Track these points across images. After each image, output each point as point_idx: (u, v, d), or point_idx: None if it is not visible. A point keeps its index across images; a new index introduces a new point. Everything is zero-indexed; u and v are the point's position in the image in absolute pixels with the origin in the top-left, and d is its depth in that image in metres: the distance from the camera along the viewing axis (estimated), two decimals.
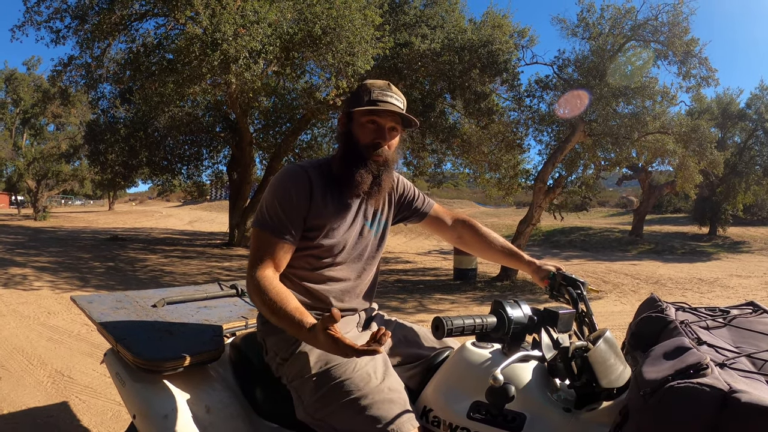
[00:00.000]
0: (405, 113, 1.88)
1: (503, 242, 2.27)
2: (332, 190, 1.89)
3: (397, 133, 1.94)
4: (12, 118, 36.99)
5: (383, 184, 1.91)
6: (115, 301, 2.55)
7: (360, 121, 1.88)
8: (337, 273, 1.92)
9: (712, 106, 24.21)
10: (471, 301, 9.76)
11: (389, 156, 1.90)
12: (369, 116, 1.87)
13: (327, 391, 1.66)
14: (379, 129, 1.87)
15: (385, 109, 1.84)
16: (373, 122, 1.87)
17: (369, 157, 1.86)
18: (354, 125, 1.90)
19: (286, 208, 1.80)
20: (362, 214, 1.98)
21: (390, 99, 1.86)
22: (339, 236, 1.89)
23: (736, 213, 25.75)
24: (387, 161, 1.90)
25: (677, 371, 1.14)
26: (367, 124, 1.88)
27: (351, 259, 1.96)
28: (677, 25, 11.36)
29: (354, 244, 1.96)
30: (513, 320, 1.51)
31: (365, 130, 1.88)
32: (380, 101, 1.85)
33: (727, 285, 12.15)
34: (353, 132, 1.89)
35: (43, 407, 3.96)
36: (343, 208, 1.90)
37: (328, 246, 1.87)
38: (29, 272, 10.87)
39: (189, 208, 55.71)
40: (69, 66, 12.55)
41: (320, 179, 1.88)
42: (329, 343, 1.44)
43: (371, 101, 1.85)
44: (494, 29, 12.31)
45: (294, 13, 9.95)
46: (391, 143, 1.91)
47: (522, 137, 14.21)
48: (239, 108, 15.16)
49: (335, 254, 1.90)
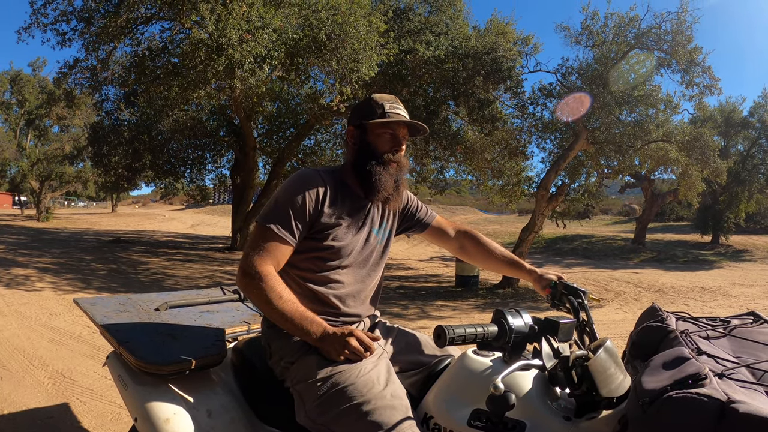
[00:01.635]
0: (420, 124, 2.03)
1: (504, 252, 2.31)
2: (344, 195, 1.98)
3: (405, 142, 2.07)
4: (17, 119, 37.02)
5: (401, 188, 2.04)
6: (118, 304, 2.56)
7: (376, 132, 2.02)
8: (342, 277, 1.96)
9: (715, 114, 24.17)
10: (473, 308, 9.75)
11: (404, 162, 2.05)
12: (385, 128, 2.01)
13: (330, 395, 1.68)
14: (395, 138, 2.02)
15: (400, 120, 1.99)
16: (390, 133, 2.01)
17: (388, 163, 1.99)
18: (370, 136, 2.02)
19: (296, 210, 1.86)
20: (370, 219, 2.06)
21: (400, 111, 2.01)
22: (348, 239, 1.95)
23: (739, 221, 25.66)
24: (402, 168, 2.03)
25: (676, 381, 1.15)
26: (383, 134, 2.01)
27: (357, 264, 2.00)
28: (681, 33, 11.36)
29: (361, 249, 2.01)
30: (514, 329, 1.52)
31: (382, 140, 2.01)
32: (393, 113, 1.99)
33: (729, 294, 12.11)
34: (370, 142, 2.01)
35: (43, 408, 3.97)
36: (353, 212, 1.99)
37: (336, 248, 1.92)
38: (32, 273, 10.89)
39: (192, 211, 55.78)
40: (74, 68, 12.58)
41: (333, 184, 1.97)
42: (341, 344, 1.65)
43: (385, 113, 1.99)
44: (498, 36, 12.32)
45: (299, 19, 9.97)
46: (404, 152, 2.07)
47: (525, 144, 14.21)
48: (243, 112, 15.19)
49: (342, 257, 1.95)
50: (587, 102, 11.54)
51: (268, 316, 1.83)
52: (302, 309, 1.77)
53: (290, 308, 1.75)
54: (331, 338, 1.73)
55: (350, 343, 1.71)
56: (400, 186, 2.03)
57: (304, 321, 1.75)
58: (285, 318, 1.75)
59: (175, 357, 1.97)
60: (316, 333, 1.75)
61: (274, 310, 1.76)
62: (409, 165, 2.11)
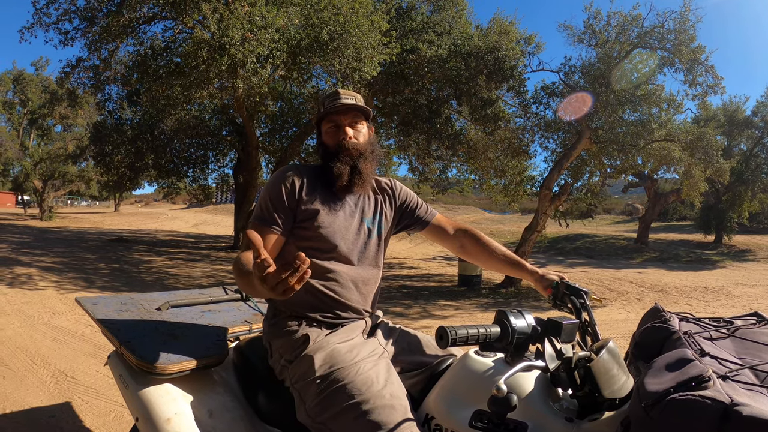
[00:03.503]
0: (356, 104, 2.06)
1: (505, 252, 2.28)
2: (323, 184, 2.05)
3: (360, 125, 2.11)
4: (19, 119, 37.15)
5: (363, 170, 2.03)
6: (119, 304, 2.57)
7: (324, 130, 2.11)
8: (336, 266, 1.97)
9: (718, 113, 24.17)
10: (475, 307, 9.74)
11: (360, 147, 2.05)
12: (329, 123, 2.08)
13: (329, 394, 1.67)
14: (338, 128, 2.06)
15: (337, 110, 2.04)
16: (333, 126, 2.07)
17: (340, 153, 2.01)
18: (322, 135, 2.12)
19: (275, 200, 1.95)
20: (359, 210, 2.09)
21: (340, 100, 2.05)
22: (335, 225, 1.98)
23: (742, 221, 25.61)
24: (360, 152, 2.04)
25: (679, 383, 1.14)
26: (329, 129, 2.08)
27: (351, 253, 2.01)
28: (684, 32, 11.34)
29: (354, 238, 2.04)
30: (516, 330, 1.52)
31: (329, 135, 2.08)
32: (330, 105, 2.05)
33: (732, 294, 12.09)
34: (323, 141, 2.11)
35: (45, 407, 3.98)
36: (333, 197, 2.04)
37: (324, 235, 1.95)
38: (34, 272, 10.91)
39: (194, 210, 55.81)
40: (77, 67, 12.63)
41: (311, 174, 2.06)
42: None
43: (325, 109, 2.06)
44: (501, 36, 12.31)
45: (301, 19, 9.97)
46: (356, 135, 2.07)
47: (528, 144, 14.21)
48: (246, 112, 15.19)
49: (333, 243, 1.97)
50: (590, 101, 11.54)
51: (241, 288, 1.72)
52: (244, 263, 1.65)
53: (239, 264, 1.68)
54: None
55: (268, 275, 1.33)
56: (362, 170, 2.02)
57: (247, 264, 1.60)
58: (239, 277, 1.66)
59: (177, 357, 1.97)
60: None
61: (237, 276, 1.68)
62: (371, 147, 2.10)
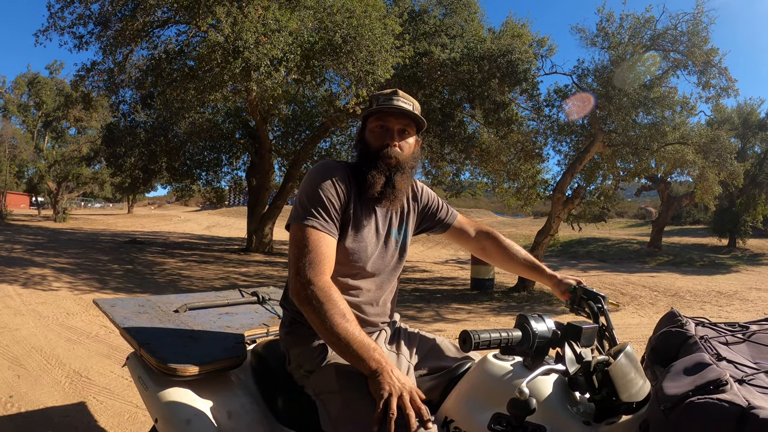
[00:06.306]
0: (412, 112, 1.89)
1: (525, 255, 2.27)
2: (359, 191, 1.88)
3: (409, 135, 1.95)
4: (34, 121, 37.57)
5: (397, 185, 1.88)
6: (137, 306, 2.59)
7: (370, 127, 1.93)
8: (361, 283, 1.90)
9: (732, 116, 24.01)
10: (488, 311, 9.71)
11: (401, 157, 1.90)
12: (378, 121, 1.91)
13: (353, 406, 1.63)
14: (386, 131, 1.89)
15: (390, 111, 1.87)
16: (381, 126, 1.90)
17: (379, 159, 1.86)
18: (366, 132, 1.95)
19: (333, 201, 1.78)
20: (388, 222, 1.98)
21: (397, 102, 1.87)
22: (365, 240, 1.87)
23: (756, 225, 25.41)
24: (399, 163, 1.89)
25: (697, 387, 1.15)
26: (375, 129, 1.91)
27: (376, 269, 1.93)
28: (697, 34, 11.26)
29: (380, 253, 1.94)
30: (537, 334, 1.52)
31: (374, 135, 1.91)
32: (385, 105, 1.87)
33: (746, 298, 12.00)
34: (366, 138, 1.94)
35: (60, 407, 4.01)
36: (367, 211, 1.90)
37: (352, 250, 1.84)
38: (48, 273, 11.01)
39: (207, 212, 55.99)
40: (91, 71, 12.76)
41: (351, 175, 1.89)
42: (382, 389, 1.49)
43: (378, 106, 1.88)
44: (513, 39, 12.31)
45: (315, 22, 10.02)
46: (402, 145, 1.91)
47: (541, 147, 14.14)
48: (259, 115, 15.28)
49: (362, 261, 1.87)
50: (601, 104, 11.50)
51: (322, 335, 1.63)
52: (364, 335, 1.60)
53: (352, 331, 1.58)
54: (388, 381, 1.51)
55: (403, 398, 1.48)
56: (396, 184, 1.87)
57: (363, 349, 1.57)
58: (341, 340, 1.57)
59: (196, 359, 1.99)
60: (374, 367, 1.55)
61: (331, 331, 1.58)
62: (411, 161, 1.95)
